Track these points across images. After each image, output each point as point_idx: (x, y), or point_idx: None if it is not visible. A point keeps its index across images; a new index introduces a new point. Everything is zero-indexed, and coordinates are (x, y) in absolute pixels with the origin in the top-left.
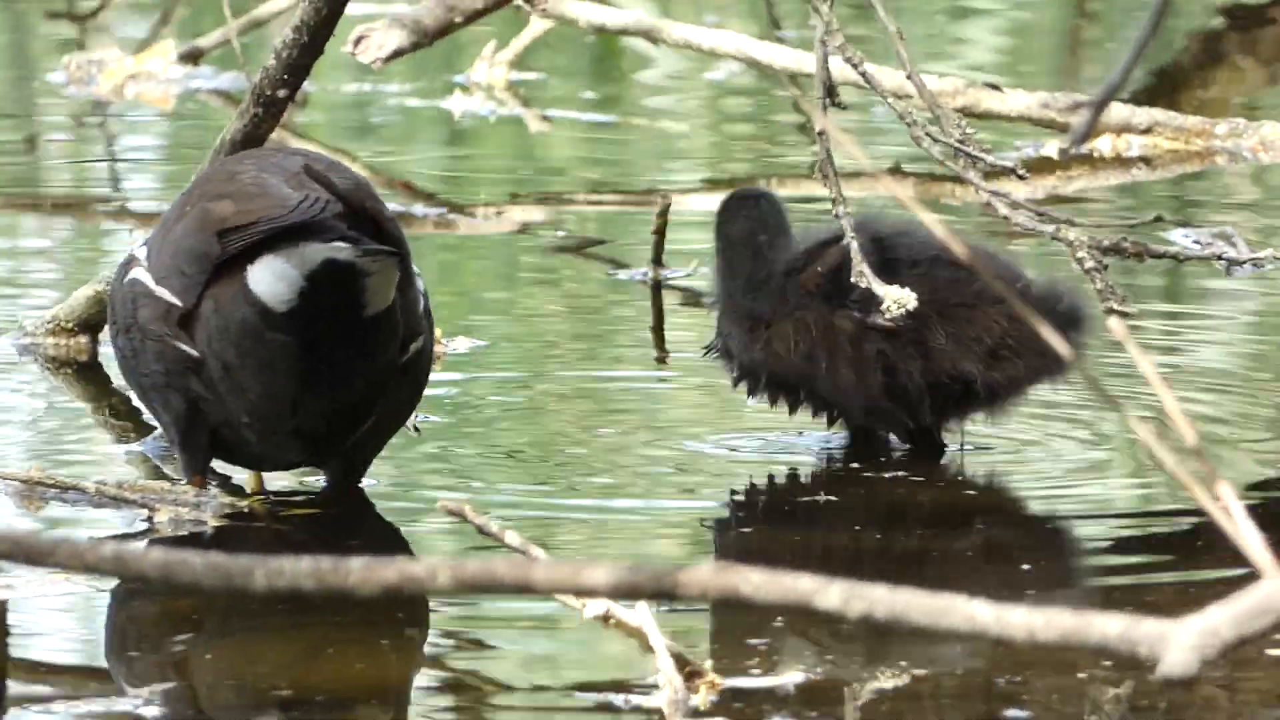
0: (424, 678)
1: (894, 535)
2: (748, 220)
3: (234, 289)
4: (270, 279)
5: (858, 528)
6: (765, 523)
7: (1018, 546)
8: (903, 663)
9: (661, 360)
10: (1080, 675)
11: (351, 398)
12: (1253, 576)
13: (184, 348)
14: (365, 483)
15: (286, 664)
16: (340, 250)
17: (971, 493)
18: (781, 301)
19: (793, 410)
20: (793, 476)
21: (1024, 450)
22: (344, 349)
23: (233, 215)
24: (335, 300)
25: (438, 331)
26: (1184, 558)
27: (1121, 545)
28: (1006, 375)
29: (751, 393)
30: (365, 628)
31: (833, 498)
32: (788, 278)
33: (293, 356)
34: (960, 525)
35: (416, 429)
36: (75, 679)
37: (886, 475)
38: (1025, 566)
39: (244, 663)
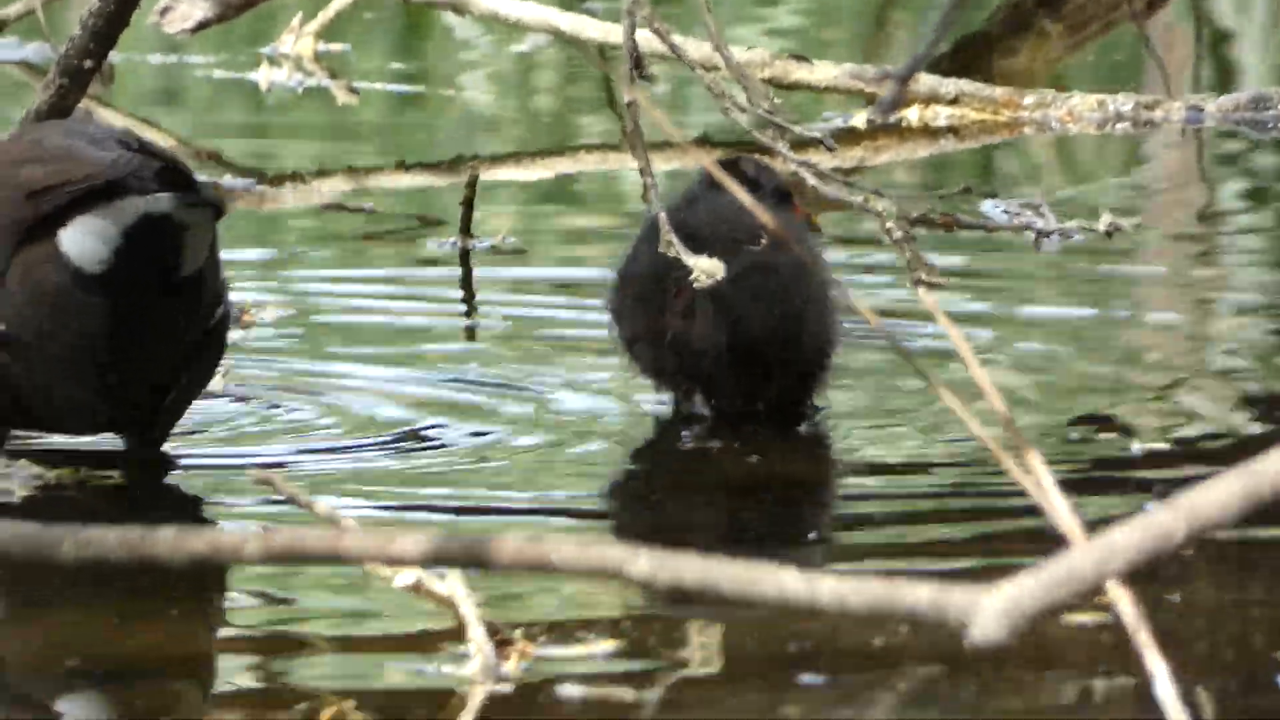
0: (230, 646)
1: (704, 508)
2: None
3: (43, 252)
4: (84, 238)
5: (660, 499)
6: (578, 493)
7: (826, 516)
8: (713, 633)
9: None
10: (883, 640)
11: (163, 362)
12: (1062, 545)
13: None
14: (169, 448)
15: (92, 636)
16: (159, 202)
17: (790, 462)
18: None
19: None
20: (616, 446)
21: (836, 420)
22: (158, 311)
23: (42, 178)
24: (152, 257)
25: (247, 299)
26: (995, 527)
27: (931, 514)
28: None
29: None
30: (170, 600)
31: (638, 468)
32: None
33: (105, 320)
34: (774, 495)
35: (226, 392)
36: None
37: (707, 445)
38: (836, 536)
39: (48, 634)
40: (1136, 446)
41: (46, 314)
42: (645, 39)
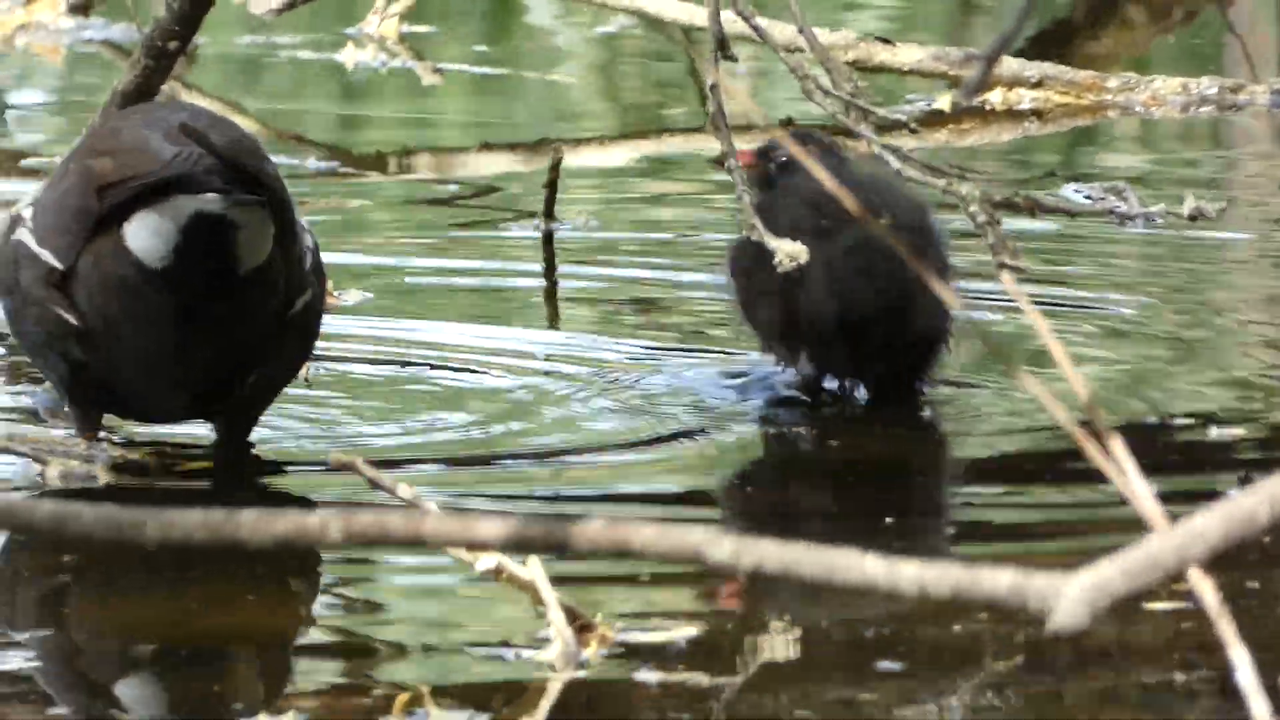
0: (310, 633)
1: (788, 490)
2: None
3: (111, 245)
4: (145, 234)
5: (743, 481)
6: (650, 473)
7: (912, 500)
8: (795, 617)
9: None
10: (962, 627)
11: (233, 353)
12: (1144, 530)
13: (63, 314)
14: (255, 435)
15: (170, 620)
16: (209, 202)
17: (867, 445)
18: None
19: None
20: (678, 426)
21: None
22: (222, 305)
23: (111, 171)
24: (209, 254)
25: (330, 283)
26: (1076, 513)
27: (1013, 498)
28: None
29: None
30: (253, 582)
31: (713, 450)
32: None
33: (170, 312)
34: (855, 476)
35: (308, 380)
36: None
37: (782, 430)
38: (921, 518)
39: (126, 618)
40: (1218, 431)
41: (115, 305)
42: (729, 20)
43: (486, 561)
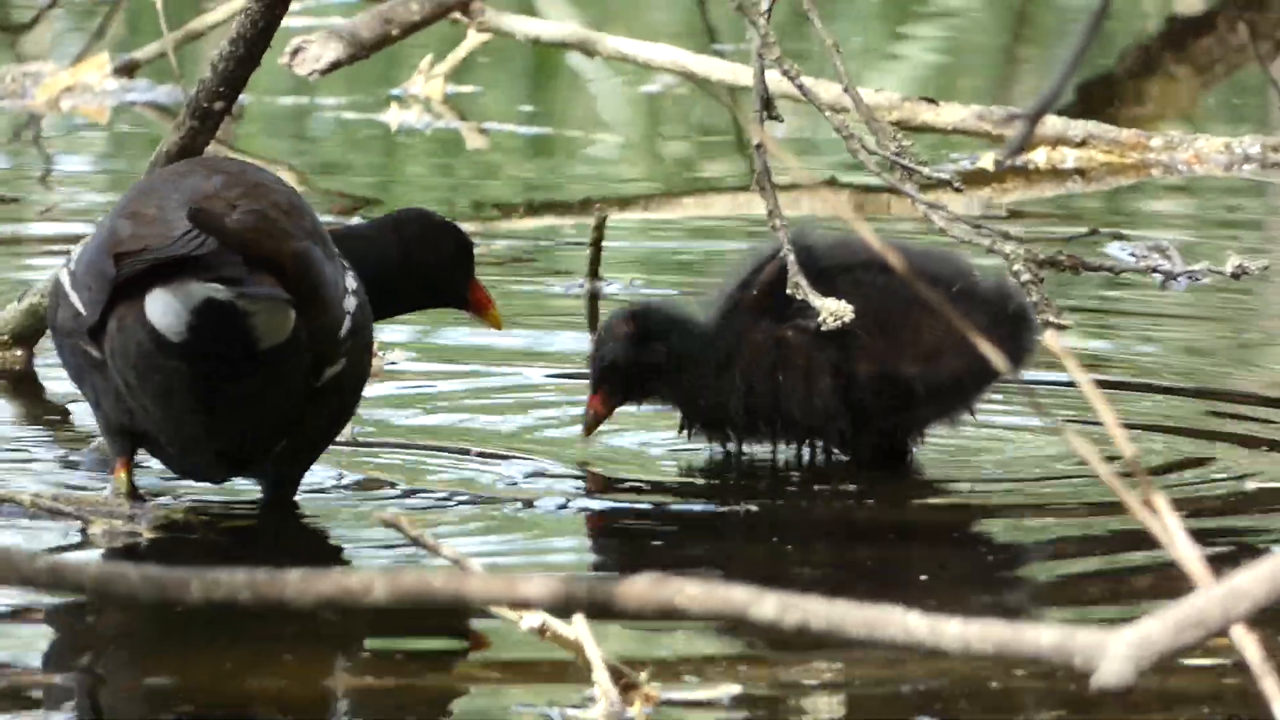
0: (356, 691)
1: (824, 547)
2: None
3: (134, 314)
4: (161, 310)
5: (775, 540)
6: (690, 534)
7: (950, 556)
8: (836, 674)
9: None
10: (1001, 682)
11: (257, 423)
12: (1187, 587)
13: (91, 350)
14: (300, 495)
15: (219, 677)
16: (218, 291)
17: (905, 502)
18: (737, 331)
19: (776, 446)
20: (718, 486)
21: (961, 456)
22: (242, 379)
23: (129, 239)
24: (224, 335)
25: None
26: (1119, 567)
27: (1057, 555)
28: (945, 376)
29: (740, 441)
30: (299, 642)
31: (753, 508)
32: (736, 305)
33: (191, 383)
34: (895, 535)
35: (357, 441)
36: (5, 692)
37: (820, 487)
38: (960, 575)
39: (166, 678)
40: (1254, 485)
41: (139, 369)
42: (774, 80)
43: (531, 620)
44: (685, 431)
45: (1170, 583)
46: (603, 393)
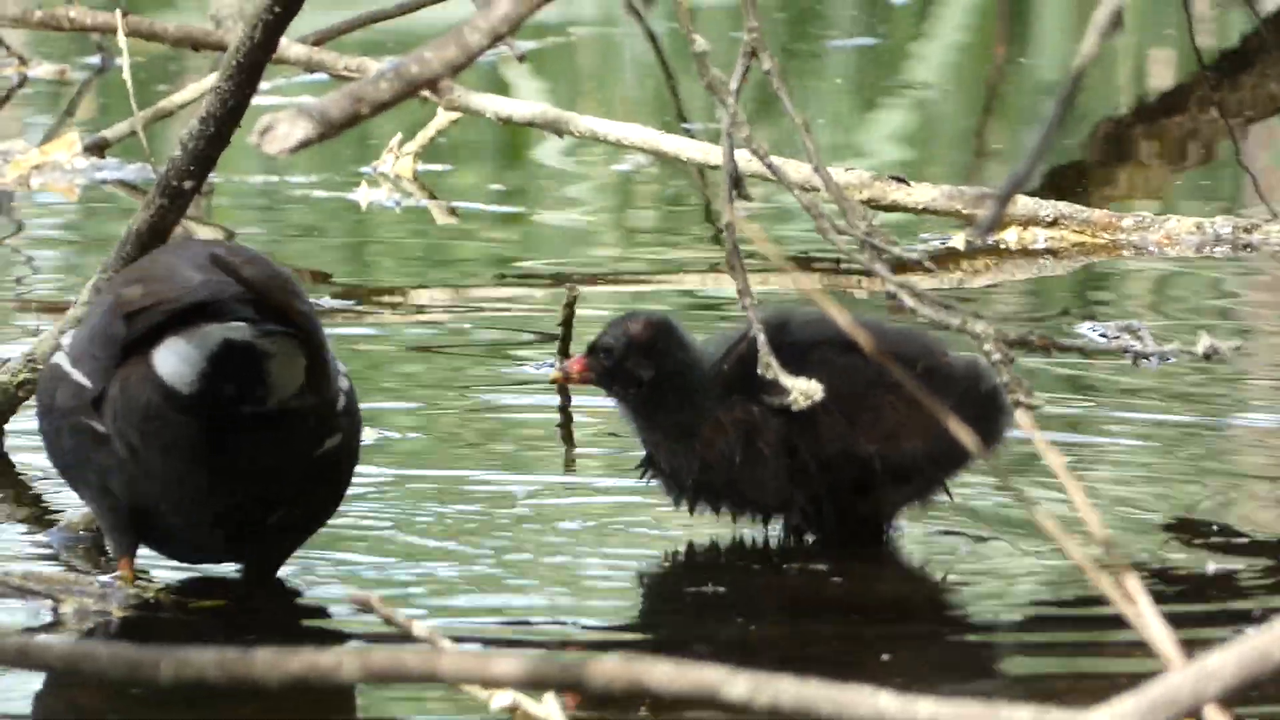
0: None
1: (794, 626)
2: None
3: (141, 371)
4: (173, 360)
5: (742, 619)
6: (659, 612)
7: (921, 635)
8: None
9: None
10: None
11: (258, 487)
12: (1160, 667)
13: (93, 424)
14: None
15: None
16: (236, 330)
17: (874, 582)
18: (703, 407)
19: (735, 518)
20: (683, 565)
21: (935, 538)
22: (249, 435)
23: (140, 298)
24: (237, 382)
25: None
26: (1091, 647)
27: (1028, 633)
28: (906, 456)
29: (691, 506)
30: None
31: (720, 589)
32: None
33: (197, 441)
34: (861, 614)
35: None
36: None
37: (789, 565)
38: (930, 656)
39: None
40: (1228, 565)
41: (142, 430)
42: (744, 159)
43: (502, 699)
44: (643, 473)
45: (1143, 662)
46: (586, 363)
